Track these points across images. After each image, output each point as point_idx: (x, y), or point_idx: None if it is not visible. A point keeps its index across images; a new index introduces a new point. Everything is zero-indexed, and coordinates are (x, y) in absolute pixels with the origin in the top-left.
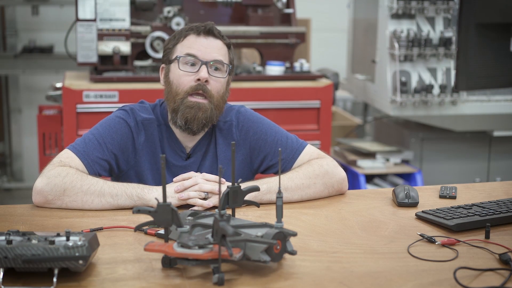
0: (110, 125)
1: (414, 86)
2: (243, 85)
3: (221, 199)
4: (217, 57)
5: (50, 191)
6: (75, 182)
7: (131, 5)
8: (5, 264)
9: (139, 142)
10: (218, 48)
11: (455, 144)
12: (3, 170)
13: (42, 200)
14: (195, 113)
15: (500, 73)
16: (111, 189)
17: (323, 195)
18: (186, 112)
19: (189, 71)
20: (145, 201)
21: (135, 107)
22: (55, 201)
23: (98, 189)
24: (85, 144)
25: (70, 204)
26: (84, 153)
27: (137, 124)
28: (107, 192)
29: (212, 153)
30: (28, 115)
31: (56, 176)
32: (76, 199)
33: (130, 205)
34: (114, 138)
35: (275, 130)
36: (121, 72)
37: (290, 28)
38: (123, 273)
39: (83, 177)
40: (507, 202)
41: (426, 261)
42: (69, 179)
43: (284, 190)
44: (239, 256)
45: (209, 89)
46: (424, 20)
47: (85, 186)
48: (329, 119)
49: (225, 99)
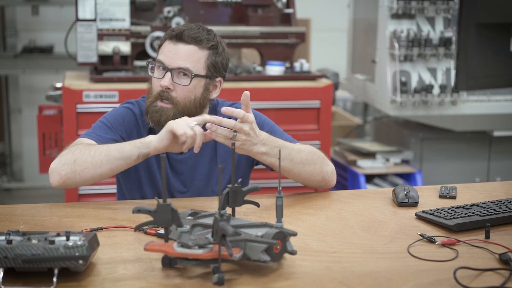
0: (117, 112)
1: (414, 86)
2: (243, 85)
3: (221, 199)
4: (182, 64)
5: (62, 166)
6: (83, 151)
7: (131, 5)
8: (5, 264)
9: (144, 130)
10: (186, 55)
11: (455, 144)
12: (3, 170)
13: (57, 178)
14: (159, 117)
15: (500, 73)
16: (115, 146)
17: (316, 180)
18: (152, 115)
19: (157, 77)
20: (147, 143)
21: (140, 100)
22: (68, 174)
23: (104, 149)
24: (97, 129)
25: (82, 173)
26: (98, 136)
27: (142, 114)
28: (113, 148)
29: (210, 148)
30: (28, 115)
31: (67, 153)
32: (86, 165)
33: (136, 153)
34: (122, 124)
35: (271, 124)
36: (121, 72)
37: (290, 28)
38: (123, 273)
39: (91, 146)
40: (507, 202)
41: (426, 261)
42: (79, 151)
43: (289, 160)
44: (239, 256)
45: (173, 96)
46: (424, 20)
47: (92, 151)
48: (329, 119)
49: (202, 103)
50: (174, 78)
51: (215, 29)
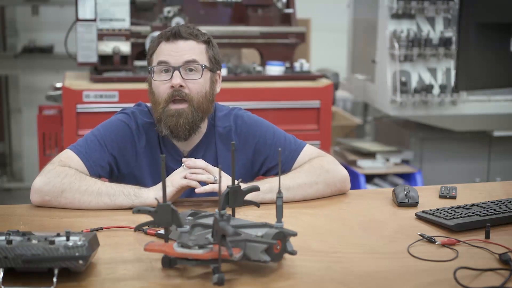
0: (112, 126)
1: (414, 86)
2: (243, 85)
3: (221, 199)
4: (188, 58)
5: (48, 192)
6: (73, 184)
7: (131, 5)
8: (5, 264)
9: (140, 145)
10: (189, 49)
11: (455, 144)
12: (3, 170)
13: (39, 200)
14: (177, 120)
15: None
16: (108, 189)
17: (325, 194)
18: (168, 121)
19: (164, 79)
20: (143, 199)
21: (136, 111)
22: (52, 201)
23: (95, 189)
24: (87, 144)
25: (67, 205)
26: (86, 154)
27: (138, 128)
28: (105, 192)
29: (211, 158)
30: (28, 115)
31: (56, 176)
32: (73, 200)
33: (128, 204)
34: (115, 140)
35: (273, 132)
36: (121, 72)
37: (290, 28)
38: (123, 273)
39: (81, 178)
40: (507, 202)
41: (426, 261)
42: (68, 180)
43: (286, 190)
44: (239, 256)
45: (187, 93)
46: (424, 20)
47: (83, 187)
48: (329, 119)
49: (211, 98)
50: (183, 75)
51: (215, 29)
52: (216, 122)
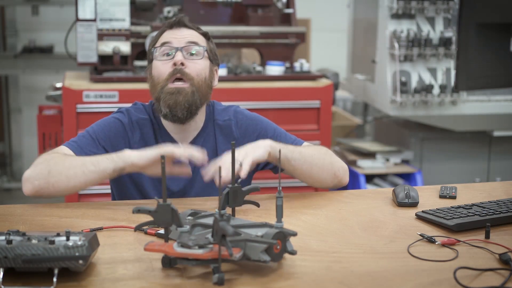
0: (104, 123)
1: (414, 86)
2: (243, 85)
3: (221, 199)
4: (190, 39)
5: (36, 176)
6: (58, 162)
7: (131, 5)
8: (5, 264)
9: (133, 140)
10: (191, 35)
11: (455, 144)
12: (3, 170)
13: (30, 187)
14: (176, 98)
15: (500, 73)
16: (91, 158)
17: (328, 178)
18: (167, 98)
19: (165, 59)
20: (125, 157)
21: (130, 109)
22: (42, 185)
23: (79, 161)
24: (79, 139)
25: (56, 184)
26: (78, 147)
27: (131, 123)
28: (88, 161)
29: (211, 151)
30: (28, 115)
31: (42, 162)
32: (60, 177)
33: (112, 166)
34: (107, 135)
35: (273, 127)
36: (121, 72)
37: (290, 28)
38: (123, 273)
39: (66, 157)
40: (507, 202)
41: (426, 261)
42: (53, 161)
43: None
44: (239, 256)
45: (187, 72)
46: (424, 20)
47: (67, 163)
48: (329, 119)
49: (210, 85)
50: (185, 56)
51: (215, 29)
52: (215, 116)
